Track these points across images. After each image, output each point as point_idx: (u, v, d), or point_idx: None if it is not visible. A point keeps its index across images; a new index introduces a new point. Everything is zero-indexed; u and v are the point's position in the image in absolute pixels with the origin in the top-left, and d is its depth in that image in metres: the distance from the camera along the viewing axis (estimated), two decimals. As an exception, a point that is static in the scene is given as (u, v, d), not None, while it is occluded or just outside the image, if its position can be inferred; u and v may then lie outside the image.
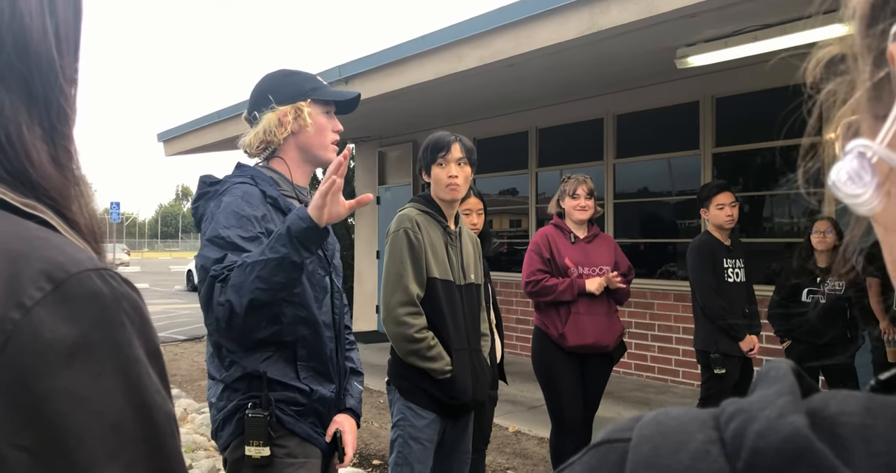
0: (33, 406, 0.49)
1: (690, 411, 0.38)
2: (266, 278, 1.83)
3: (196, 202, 2.19)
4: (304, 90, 2.20)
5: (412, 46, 6.68)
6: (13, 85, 0.60)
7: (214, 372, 2.13)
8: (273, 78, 2.26)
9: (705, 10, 4.62)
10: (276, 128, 2.16)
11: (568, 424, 4.11)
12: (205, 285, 1.91)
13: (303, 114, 2.17)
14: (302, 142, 2.21)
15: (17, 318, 0.50)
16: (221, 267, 1.90)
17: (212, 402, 2.14)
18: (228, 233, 1.95)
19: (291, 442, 2.06)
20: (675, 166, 7.81)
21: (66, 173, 0.62)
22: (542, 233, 4.26)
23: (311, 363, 2.12)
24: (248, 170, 2.20)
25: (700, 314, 4.48)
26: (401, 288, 2.81)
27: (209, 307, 1.89)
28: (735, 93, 7.02)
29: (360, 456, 5.17)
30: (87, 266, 0.55)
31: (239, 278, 1.85)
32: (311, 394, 2.10)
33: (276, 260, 1.83)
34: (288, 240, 1.84)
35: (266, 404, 2.02)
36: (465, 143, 2.97)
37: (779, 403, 0.34)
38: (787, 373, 0.37)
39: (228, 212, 2.00)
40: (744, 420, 0.34)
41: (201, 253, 1.97)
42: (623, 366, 7.75)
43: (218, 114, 10.06)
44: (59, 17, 0.63)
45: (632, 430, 0.39)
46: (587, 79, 7.42)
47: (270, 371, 2.04)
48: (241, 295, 1.83)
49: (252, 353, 2.05)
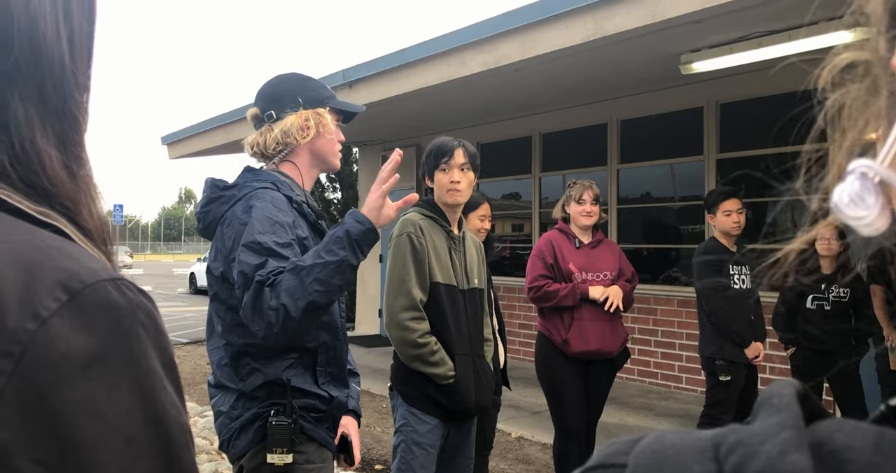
0: (49, 418, 0.49)
1: (687, 438, 0.37)
2: (325, 281, 1.85)
3: (207, 205, 2.15)
4: (322, 97, 2.21)
5: (417, 51, 6.69)
6: (27, 91, 0.59)
7: (228, 382, 2.10)
8: (293, 80, 2.25)
9: (710, 16, 4.61)
10: (298, 131, 2.16)
11: (571, 430, 4.10)
12: (250, 291, 1.88)
13: (325, 120, 2.18)
14: (317, 147, 2.21)
15: (33, 329, 0.49)
16: (267, 272, 1.88)
17: (222, 411, 2.10)
18: (265, 238, 1.94)
19: (310, 448, 2.06)
20: (678, 172, 7.81)
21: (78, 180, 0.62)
22: (546, 238, 4.25)
23: (329, 368, 2.12)
24: (265, 174, 2.17)
25: (706, 321, 4.47)
26: (404, 292, 2.80)
27: (257, 312, 1.87)
28: (739, 99, 7.01)
29: (362, 461, 5.16)
30: (102, 276, 0.54)
31: (292, 282, 1.85)
32: (331, 401, 2.11)
33: (335, 263, 1.86)
34: (347, 243, 1.88)
35: (290, 411, 2.01)
36: (468, 149, 2.97)
37: (781, 437, 0.33)
38: (791, 401, 0.35)
39: (262, 217, 1.98)
40: (743, 455, 0.33)
41: (240, 258, 1.94)
42: (626, 372, 7.73)
43: (222, 118, 10.08)
44: (73, 23, 0.63)
45: (627, 455, 0.37)
46: (591, 85, 7.42)
47: (293, 378, 2.04)
48: (297, 299, 1.83)
49: (274, 360, 2.04)
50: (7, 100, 0.58)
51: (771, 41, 5.31)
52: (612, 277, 4.16)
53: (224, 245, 2.05)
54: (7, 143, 0.58)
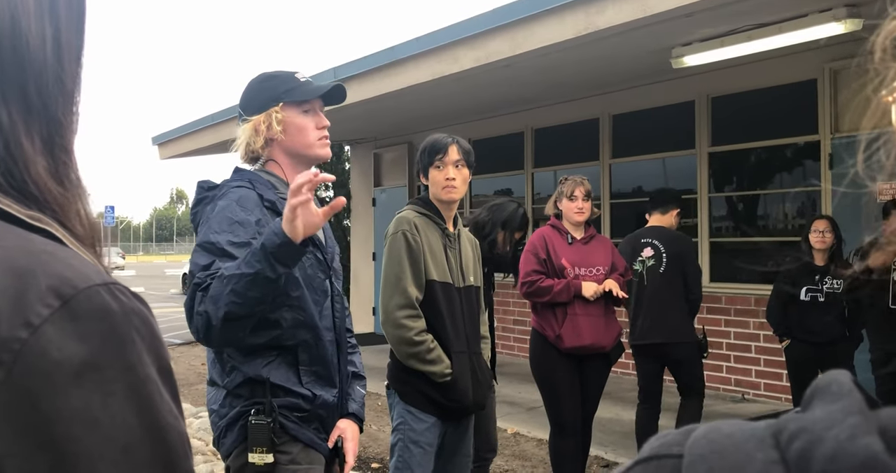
0: (42, 428, 0.47)
1: (744, 427, 0.36)
2: (241, 292, 1.81)
3: (195, 207, 2.18)
4: (277, 94, 2.17)
5: (408, 48, 6.67)
6: (11, 95, 0.58)
7: (216, 378, 2.11)
8: (249, 87, 2.25)
9: (700, 9, 4.62)
10: (253, 137, 2.16)
11: (567, 425, 4.10)
12: (189, 292, 1.92)
13: (272, 121, 2.14)
14: (285, 145, 2.19)
15: (24, 337, 0.48)
16: (206, 274, 1.89)
17: (213, 409, 2.11)
18: (218, 238, 1.94)
19: (295, 449, 2.05)
20: (670, 166, 7.82)
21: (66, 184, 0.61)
22: (538, 234, 4.25)
23: (313, 367, 2.10)
24: (246, 174, 2.19)
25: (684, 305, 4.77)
26: (399, 291, 2.79)
27: (190, 315, 1.90)
28: (731, 92, 7.02)
29: (358, 460, 5.15)
30: (95, 281, 0.53)
31: (217, 289, 1.84)
32: (315, 400, 2.08)
33: (250, 275, 1.81)
34: (263, 256, 1.81)
35: (269, 410, 2.00)
36: (463, 145, 2.96)
37: (849, 422, 0.32)
38: (851, 388, 0.35)
39: (221, 216, 1.99)
40: (809, 440, 0.32)
41: (192, 258, 1.98)
42: (621, 367, 7.72)
43: (212, 117, 10.04)
44: (60, 24, 0.61)
45: (682, 446, 0.37)
46: (583, 80, 7.42)
47: (273, 376, 2.03)
48: (218, 308, 1.82)
49: (253, 358, 2.03)
50: None
51: (761, 34, 5.32)
52: (605, 272, 4.16)
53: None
54: None
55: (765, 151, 7.05)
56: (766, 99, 6.76)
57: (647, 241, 4.83)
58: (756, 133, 6.91)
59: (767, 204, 7.26)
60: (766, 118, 6.83)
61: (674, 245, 4.78)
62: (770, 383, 6.69)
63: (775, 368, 6.50)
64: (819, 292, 4.73)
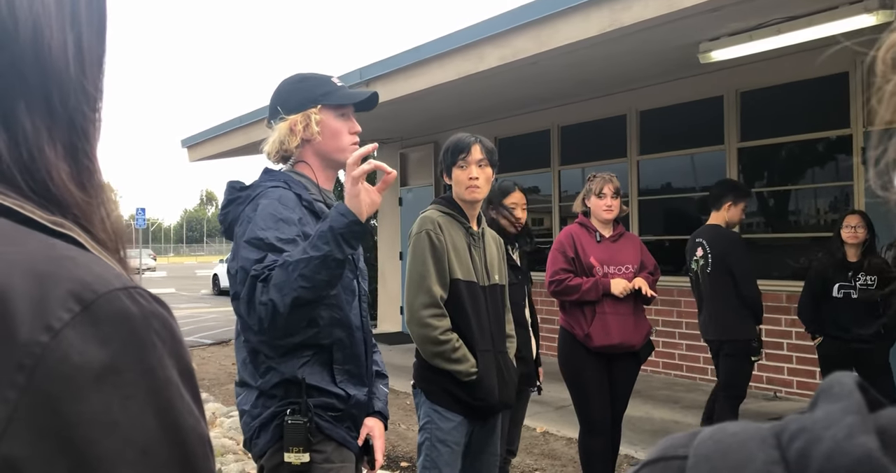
0: (63, 433, 0.48)
1: (749, 428, 0.37)
2: (309, 276, 1.84)
3: (226, 207, 2.18)
4: (315, 96, 2.19)
5: (433, 47, 6.67)
6: (34, 102, 0.58)
7: (249, 379, 2.12)
8: (284, 86, 2.26)
9: (729, 3, 4.56)
10: (288, 137, 2.17)
11: (596, 424, 4.07)
12: (246, 285, 1.91)
13: (311, 123, 2.16)
14: (318, 148, 2.21)
15: (45, 341, 0.49)
16: (262, 266, 1.90)
17: (244, 410, 2.12)
18: (266, 234, 1.96)
19: (328, 447, 2.07)
20: (699, 162, 7.73)
21: (89, 190, 0.61)
22: (566, 232, 4.22)
23: (346, 366, 2.12)
24: (279, 174, 2.20)
25: (735, 304, 4.69)
26: (424, 289, 2.80)
27: (251, 307, 1.89)
28: (760, 86, 6.93)
29: (387, 459, 5.17)
30: (115, 285, 0.53)
31: (281, 277, 1.85)
32: (349, 399, 2.11)
33: (318, 258, 1.85)
34: (331, 237, 1.86)
35: (305, 410, 2.02)
36: (486, 144, 2.96)
37: (846, 422, 0.32)
38: (852, 389, 0.35)
39: (265, 214, 2.00)
40: (808, 439, 0.33)
41: (240, 254, 1.97)
42: (651, 365, 7.68)
43: (241, 120, 10.13)
44: (81, 30, 0.61)
45: (687, 447, 0.37)
46: (609, 76, 7.37)
47: (308, 376, 2.05)
48: (284, 294, 1.84)
49: (289, 358, 2.05)
50: (14, 112, 0.57)
51: (791, 27, 5.24)
52: (633, 270, 4.13)
53: (237, 243, 2.07)
54: (17, 155, 0.57)
55: (795, 146, 6.95)
56: (797, 93, 6.66)
57: (699, 241, 4.94)
58: (786, 127, 6.81)
59: (798, 199, 7.16)
60: (797, 112, 6.73)
61: (718, 245, 4.79)
62: (803, 380, 6.60)
63: (808, 366, 6.41)
64: (852, 288, 4.65)
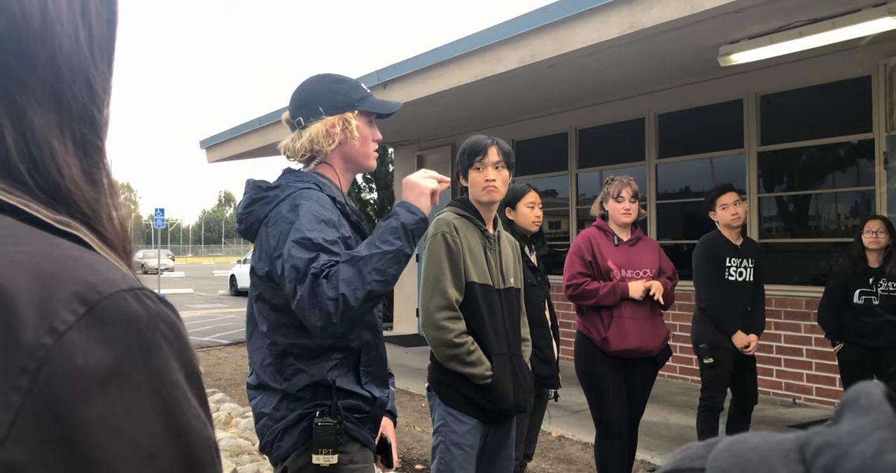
0: (67, 437, 0.47)
1: (769, 440, 0.35)
2: (383, 270, 1.90)
3: (249, 206, 2.15)
4: (352, 100, 2.19)
5: (450, 49, 6.67)
6: (43, 98, 0.57)
7: (271, 381, 2.10)
8: (320, 84, 2.23)
9: (749, 6, 4.52)
10: (324, 138, 2.15)
11: (613, 429, 4.04)
12: (305, 284, 1.89)
13: (350, 127, 2.16)
14: (347, 152, 2.21)
15: (49, 344, 0.48)
16: (320, 264, 1.91)
17: (265, 412, 2.10)
18: (314, 235, 1.96)
19: (353, 448, 2.08)
20: (718, 166, 7.67)
21: (98, 187, 0.61)
22: (584, 236, 4.20)
23: (371, 367, 2.13)
24: (307, 176, 2.18)
25: (697, 307, 4.68)
26: (439, 292, 2.79)
27: (315, 303, 1.88)
28: (780, 90, 6.87)
29: (402, 461, 5.15)
30: (121, 286, 0.52)
31: (350, 272, 1.88)
32: (374, 401, 2.12)
33: (392, 252, 1.92)
34: (403, 233, 1.96)
35: (335, 412, 2.03)
36: (502, 146, 2.94)
37: (875, 437, 0.30)
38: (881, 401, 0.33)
39: (309, 215, 2.00)
40: (834, 456, 0.31)
41: (291, 254, 1.95)
42: (668, 370, 7.62)
43: (259, 121, 10.17)
44: (92, 26, 0.61)
45: (704, 459, 0.36)
46: (628, 79, 7.33)
47: (338, 379, 2.06)
48: (356, 289, 1.86)
49: (318, 361, 2.05)
50: (23, 108, 0.57)
51: (813, 30, 5.18)
52: (651, 275, 4.09)
53: (269, 244, 2.05)
54: (25, 152, 0.57)
55: (816, 150, 6.88)
56: (818, 96, 6.59)
57: None
58: (807, 131, 6.74)
59: (819, 204, 7.08)
60: (818, 116, 6.66)
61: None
62: (822, 387, 6.52)
63: (828, 372, 6.34)
64: (873, 294, 4.59)
